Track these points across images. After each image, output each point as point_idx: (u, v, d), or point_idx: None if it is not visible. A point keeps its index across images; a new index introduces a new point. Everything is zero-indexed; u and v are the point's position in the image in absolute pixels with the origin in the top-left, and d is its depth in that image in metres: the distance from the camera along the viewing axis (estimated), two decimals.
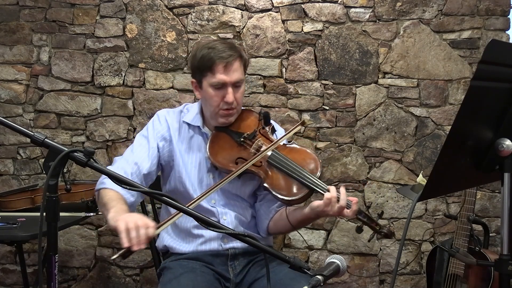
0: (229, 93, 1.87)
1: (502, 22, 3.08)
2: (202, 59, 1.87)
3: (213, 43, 1.92)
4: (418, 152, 3.14)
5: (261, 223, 2.00)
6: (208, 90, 1.89)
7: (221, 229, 1.29)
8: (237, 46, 1.99)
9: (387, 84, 3.14)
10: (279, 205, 1.97)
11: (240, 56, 1.91)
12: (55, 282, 1.30)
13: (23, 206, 2.61)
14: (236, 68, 1.89)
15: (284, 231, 2.07)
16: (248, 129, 1.96)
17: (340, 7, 3.12)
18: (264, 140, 1.93)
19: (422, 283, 3.14)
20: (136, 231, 1.48)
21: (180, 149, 1.96)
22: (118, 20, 3.20)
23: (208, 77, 1.88)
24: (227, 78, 1.86)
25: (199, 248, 1.92)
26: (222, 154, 1.90)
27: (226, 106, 1.89)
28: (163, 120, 2.00)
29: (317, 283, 1.24)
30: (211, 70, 1.86)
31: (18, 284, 3.28)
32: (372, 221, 1.81)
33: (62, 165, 1.26)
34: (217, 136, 1.95)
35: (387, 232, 1.82)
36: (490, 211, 3.14)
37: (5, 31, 3.23)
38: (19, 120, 3.24)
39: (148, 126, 2.00)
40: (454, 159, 1.35)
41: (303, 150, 1.95)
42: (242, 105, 1.99)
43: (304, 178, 1.82)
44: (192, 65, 1.96)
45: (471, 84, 1.26)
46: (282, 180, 1.85)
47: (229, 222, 1.94)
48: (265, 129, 1.97)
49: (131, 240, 1.47)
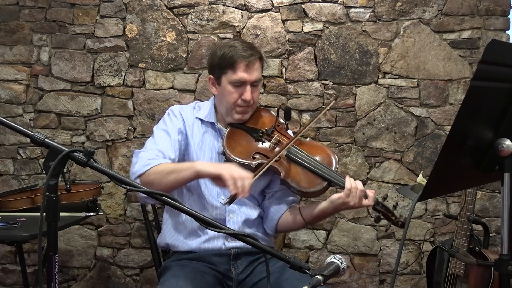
0: (247, 91, 1.93)
1: (502, 22, 3.08)
2: (224, 57, 1.92)
3: (233, 42, 1.97)
4: (418, 152, 3.14)
5: (270, 220, 2.02)
6: (227, 87, 1.94)
7: (221, 229, 1.29)
8: (256, 46, 2.04)
9: (387, 84, 3.14)
10: (290, 202, 2.01)
11: (260, 57, 1.98)
12: (55, 282, 1.30)
13: (23, 206, 2.62)
14: (256, 68, 1.95)
15: (294, 228, 2.09)
16: (263, 125, 2.02)
17: (340, 7, 3.12)
18: (280, 136, 1.98)
19: (422, 283, 3.14)
20: (241, 181, 1.64)
21: (194, 144, 1.99)
22: (118, 20, 3.20)
23: (228, 74, 1.93)
24: (247, 76, 1.92)
25: (202, 246, 1.93)
26: (239, 149, 1.94)
27: (244, 103, 1.94)
28: (178, 114, 2.02)
29: (317, 283, 1.24)
30: (232, 68, 1.91)
31: (18, 284, 3.28)
32: (389, 211, 1.88)
33: (62, 165, 1.27)
34: (233, 132, 1.99)
35: (403, 221, 1.88)
36: (490, 211, 3.14)
37: (5, 31, 3.23)
38: (19, 120, 3.24)
39: (165, 120, 2.02)
40: (454, 159, 1.35)
41: (319, 145, 2.04)
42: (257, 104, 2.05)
43: (322, 171, 1.88)
44: (212, 62, 1.99)
45: (471, 84, 1.26)
46: (301, 173, 1.90)
47: (236, 221, 1.94)
48: (281, 126, 2.03)
49: (238, 188, 1.64)
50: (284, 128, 2.04)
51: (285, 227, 2.01)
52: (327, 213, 1.91)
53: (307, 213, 1.93)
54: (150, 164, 1.81)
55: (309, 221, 1.95)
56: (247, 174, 1.67)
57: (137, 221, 3.23)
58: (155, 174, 1.79)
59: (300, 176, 1.89)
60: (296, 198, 2.01)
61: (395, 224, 1.88)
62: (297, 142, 1.97)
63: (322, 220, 2.29)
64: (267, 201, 2.04)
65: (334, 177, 1.87)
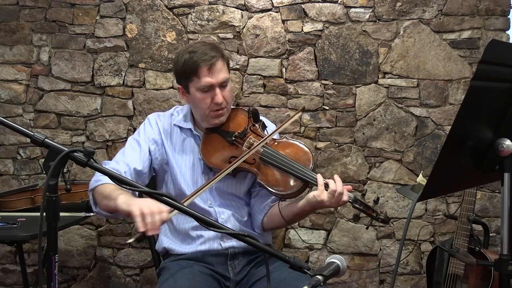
0: (217, 94, 1.88)
1: (502, 22, 3.08)
2: (185, 64, 1.87)
3: (193, 47, 1.91)
4: (418, 152, 3.14)
5: (255, 219, 2.01)
6: (196, 94, 1.89)
7: (221, 229, 1.29)
8: (217, 45, 2.00)
9: (387, 84, 3.14)
10: (273, 200, 1.98)
11: (222, 56, 1.91)
12: (55, 282, 1.30)
13: (23, 206, 2.62)
14: (220, 68, 1.88)
15: (278, 227, 2.07)
16: (238, 127, 1.97)
17: (340, 7, 3.12)
18: (255, 137, 1.95)
19: (422, 283, 3.14)
20: (151, 217, 1.50)
21: (173, 152, 1.97)
22: (118, 20, 3.20)
23: (194, 82, 1.88)
24: (213, 80, 1.86)
25: (198, 248, 1.93)
26: (215, 154, 1.91)
27: (216, 107, 1.90)
28: (154, 124, 2.00)
29: (317, 283, 1.24)
30: (196, 74, 1.86)
31: (18, 284, 3.28)
32: (368, 208, 1.83)
33: (62, 165, 1.27)
34: (208, 137, 1.96)
35: (384, 218, 1.83)
36: (490, 211, 3.14)
37: (5, 31, 3.23)
38: (19, 120, 3.24)
39: (139, 130, 2.01)
40: (454, 159, 1.35)
41: (294, 144, 1.95)
42: (231, 104, 2.01)
43: (297, 172, 1.83)
44: (176, 71, 1.95)
45: (471, 84, 1.26)
46: (276, 175, 1.86)
47: (226, 221, 1.94)
48: (256, 126, 1.98)
49: (147, 225, 1.49)
50: (260, 128, 1.98)
51: (271, 225, 2.00)
52: (306, 211, 1.88)
53: (287, 212, 1.91)
54: (100, 181, 1.79)
55: (289, 220, 1.93)
56: (160, 208, 1.52)
57: None
58: (98, 193, 1.78)
59: (275, 178, 1.86)
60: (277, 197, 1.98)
61: (376, 220, 1.83)
62: (271, 142, 1.93)
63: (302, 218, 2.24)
64: (252, 200, 2.03)
65: (309, 177, 1.81)
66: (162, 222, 1.51)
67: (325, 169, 3.15)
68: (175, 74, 1.98)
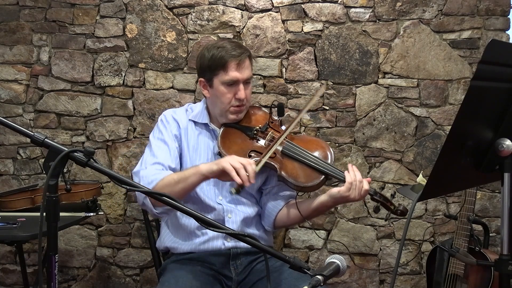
0: (241, 90, 1.93)
1: (502, 22, 3.08)
2: (214, 58, 1.92)
3: (221, 43, 1.97)
4: (418, 152, 3.14)
5: (268, 216, 2.02)
6: (219, 88, 1.93)
7: (221, 229, 1.29)
8: (243, 45, 2.03)
9: (387, 84, 3.14)
10: (287, 197, 2.01)
11: (250, 55, 1.98)
12: (55, 282, 1.30)
13: (23, 206, 2.62)
14: (247, 66, 1.95)
15: (292, 223, 2.10)
16: (257, 123, 2.01)
17: (340, 7, 3.12)
18: (275, 133, 1.98)
19: (422, 283, 3.14)
20: (244, 170, 1.65)
21: (188, 147, 1.99)
22: (118, 20, 3.20)
23: (220, 75, 1.92)
24: (239, 75, 1.92)
25: (201, 247, 1.93)
26: (234, 148, 1.93)
27: (238, 102, 1.94)
28: (171, 119, 2.02)
29: (317, 283, 1.24)
30: (223, 68, 1.91)
31: (18, 284, 3.28)
32: (387, 200, 1.89)
33: (62, 165, 1.27)
34: (227, 132, 1.98)
35: (402, 210, 1.89)
36: (490, 211, 3.14)
37: (5, 31, 3.23)
38: (19, 120, 3.24)
39: (159, 128, 2.01)
40: (454, 159, 1.35)
41: (314, 139, 2.06)
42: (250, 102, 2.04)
43: (319, 165, 1.88)
44: (201, 64, 1.98)
45: (471, 84, 1.26)
46: (298, 168, 1.90)
47: (234, 220, 1.94)
48: (275, 122, 2.03)
49: (243, 177, 1.64)
50: (278, 124, 2.04)
51: (283, 222, 2.02)
52: (327, 206, 1.91)
53: (304, 207, 1.93)
54: (154, 180, 1.81)
55: (306, 216, 1.95)
56: (248, 161, 1.69)
57: (137, 221, 3.23)
58: (162, 188, 1.77)
59: (297, 171, 1.89)
60: (292, 193, 2.01)
61: (394, 212, 1.89)
62: (291, 137, 1.98)
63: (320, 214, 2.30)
64: (264, 197, 2.04)
65: (331, 170, 1.87)
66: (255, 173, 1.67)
67: None
68: (199, 67, 2.01)
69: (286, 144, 1.93)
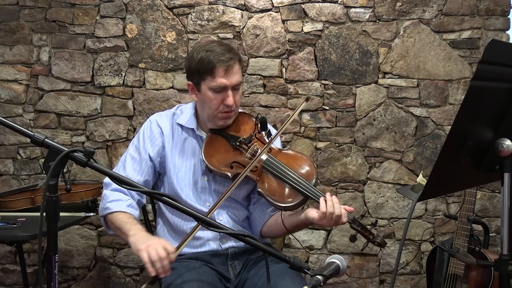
0: (229, 96, 1.85)
1: (502, 22, 3.08)
2: (201, 62, 1.84)
3: (210, 45, 1.88)
4: (418, 152, 3.14)
5: (254, 226, 2.00)
6: (207, 94, 1.87)
7: (221, 229, 1.29)
8: (234, 48, 1.97)
9: (387, 84, 3.14)
10: (273, 210, 1.95)
11: (239, 59, 1.89)
12: (55, 282, 1.30)
13: (23, 206, 2.62)
14: (236, 71, 1.86)
15: (277, 235, 2.07)
16: (244, 133, 1.95)
17: (340, 7, 3.12)
18: (260, 145, 1.92)
19: (422, 283, 3.14)
20: (160, 262, 1.58)
21: (173, 154, 1.95)
22: (118, 20, 3.20)
23: (207, 81, 1.85)
24: (227, 82, 1.84)
25: (198, 250, 1.92)
26: (217, 157, 1.89)
27: (226, 109, 1.88)
28: (155, 125, 1.98)
29: (317, 283, 1.24)
30: (211, 74, 1.83)
31: (18, 284, 3.28)
32: (365, 230, 1.82)
33: (62, 165, 1.27)
34: (212, 139, 1.94)
35: (380, 242, 1.82)
36: (490, 211, 3.14)
37: (5, 31, 3.23)
38: (19, 120, 3.24)
39: (139, 135, 1.99)
40: (454, 159, 1.35)
41: (299, 155, 1.93)
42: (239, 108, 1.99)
43: (298, 185, 1.80)
44: (189, 67, 1.91)
45: (471, 84, 1.26)
46: (276, 185, 1.83)
47: (224, 222, 1.93)
48: (261, 134, 1.94)
49: (157, 270, 1.59)
50: (265, 136, 1.94)
51: (269, 233, 1.99)
52: (305, 224, 1.87)
53: (288, 221, 1.88)
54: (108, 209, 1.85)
55: (290, 230, 1.90)
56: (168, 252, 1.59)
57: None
58: (109, 222, 1.87)
59: (275, 189, 1.82)
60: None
61: (372, 242, 1.82)
62: (276, 152, 1.91)
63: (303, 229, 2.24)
64: (252, 206, 2.01)
65: (310, 192, 1.78)
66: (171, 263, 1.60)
67: (325, 169, 3.15)
68: (187, 70, 1.94)
69: (268, 159, 1.85)
